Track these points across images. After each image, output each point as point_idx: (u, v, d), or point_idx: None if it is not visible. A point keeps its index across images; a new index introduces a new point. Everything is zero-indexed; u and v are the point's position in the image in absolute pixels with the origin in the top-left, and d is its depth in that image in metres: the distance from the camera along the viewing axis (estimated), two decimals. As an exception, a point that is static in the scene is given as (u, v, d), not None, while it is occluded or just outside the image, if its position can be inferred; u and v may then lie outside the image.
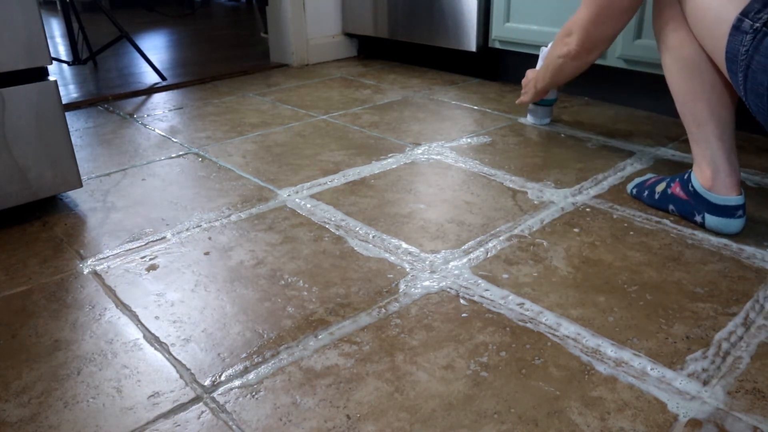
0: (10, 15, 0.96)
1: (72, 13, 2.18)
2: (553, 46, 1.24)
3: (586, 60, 1.19)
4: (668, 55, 1.00)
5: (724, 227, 0.97)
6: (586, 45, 1.15)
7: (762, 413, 0.64)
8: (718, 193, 0.96)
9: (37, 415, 0.65)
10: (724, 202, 0.96)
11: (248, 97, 1.84)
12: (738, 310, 0.80)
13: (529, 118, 1.55)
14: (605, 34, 1.12)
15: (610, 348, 0.74)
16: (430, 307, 0.82)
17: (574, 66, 1.22)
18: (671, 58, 1.00)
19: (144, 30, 3.23)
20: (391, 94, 1.85)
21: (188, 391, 0.68)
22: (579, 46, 1.15)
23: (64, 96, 1.86)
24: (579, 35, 1.14)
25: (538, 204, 1.11)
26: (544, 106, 1.51)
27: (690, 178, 1.00)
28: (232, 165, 1.31)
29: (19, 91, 1.00)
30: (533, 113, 1.53)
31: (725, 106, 0.96)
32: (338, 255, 0.95)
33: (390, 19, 2.14)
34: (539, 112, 1.52)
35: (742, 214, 0.96)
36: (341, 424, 0.63)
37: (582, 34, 1.14)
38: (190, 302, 0.84)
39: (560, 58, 1.22)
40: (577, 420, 0.63)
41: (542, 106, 1.51)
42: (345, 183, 1.21)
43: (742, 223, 0.97)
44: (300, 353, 0.74)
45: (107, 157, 1.37)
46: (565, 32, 1.18)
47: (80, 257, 0.96)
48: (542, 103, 1.50)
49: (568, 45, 1.17)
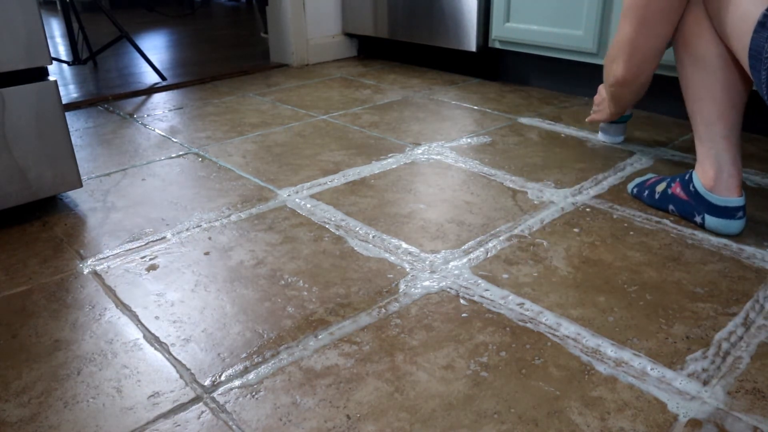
0: (10, 15, 0.96)
1: (72, 13, 2.18)
2: (604, 77, 1.15)
3: (636, 84, 1.08)
4: (685, 52, 0.98)
5: (724, 228, 0.97)
6: (634, 65, 1.04)
7: (762, 413, 0.64)
8: (719, 194, 0.96)
9: (37, 415, 0.65)
10: (724, 203, 0.96)
11: (248, 97, 1.84)
12: (738, 310, 0.80)
13: (601, 135, 1.42)
14: (653, 44, 1.00)
15: (610, 348, 0.74)
16: (430, 307, 0.82)
17: (629, 93, 1.11)
18: (688, 55, 0.98)
19: (144, 30, 3.23)
20: (391, 94, 1.85)
21: (188, 391, 0.68)
22: (626, 70, 1.05)
23: (64, 96, 1.86)
24: (624, 56, 1.04)
25: (538, 204, 1.11)
26: (618, 123, 1.39)
27: (691, 178, 1.00)
28: (232, 165, 1.31)
29: (19, 91, 1.00)
30: (605, 131, 1.41)
31: (734, 106, 0.96)
32: (338, 255, 0.95)
33: (390, 19, 2.14)
34: (612, 129, 1.40)
35: (742, 215, 0.96)
36: (341, 424, 0.63)
37: (628, 51, 1.03)
38: (190, 302, 0.84)
39: (612, 87, 1.13)
40: (577, 420, 0.63)
41: (616, 123, 1.39)
42: (345, 183, 1.21)
43: (742, 224, 0.97)
44: (300, 353, 0.74)
45: (107, 157, 1.37)
46: (609, 60, 1.09)
47: (80, 257, 0.96)
48: (617, 121, 1.38)
49: (615, 73, 1.08)
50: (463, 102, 1.74)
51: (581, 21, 1.61)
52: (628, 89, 1.10)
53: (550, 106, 1.68)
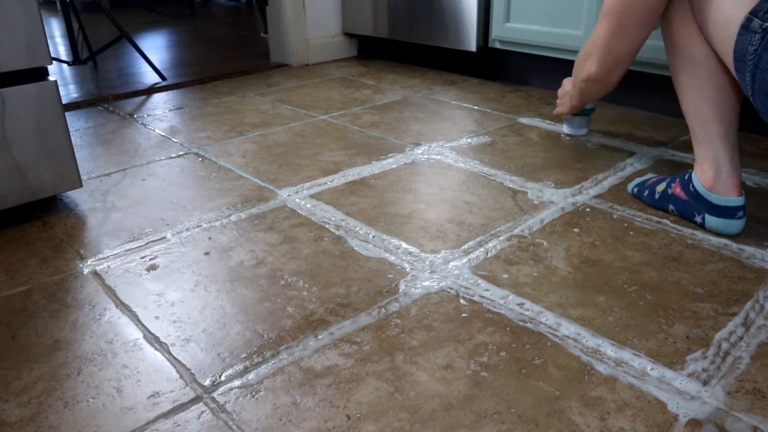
0: (10, 15, 0.96)
1: (72, 13, 2.18)
2: (575, 71, 1.18)
3: (607, 82, 1.11)
4: (675, 55, 0.99)
5: (724, 228, 0.97)
6: (608, 64, 1.07)
7: (762, 413, 0.64)
8: (719, 193, 0.96)
9: (37, 415, 0.65)
10: (724, 202, 0.96)
11: (248, 97, 1.84)
12: (738, 310, 0.80)
13: (566, 128, 1.48)
14: (628, 48, 1.04)
15: (610, 348, 0.74)
16: (430, 307, 0.82)
17: (597, 89, 1.15)
18: (678, 57, 0.99)
19: (144, 30, 3.23)
20: (391, 94, 1.85)
21: (188, 391, 0.68)
22: (599, 68, 1.08)
23: (64, 96, 1.86)
24: (599, 55, 1.07)
25: (538, 204, 1.11)
26: (581, 116, 1.45)
27: (691, 178, 1.00)
28: (232, 165, 1.31)
29: (19, 91, 1.00)
30: (570, 123, 1.47)
31: (730, 106, 0.96)
32: (338, 255, 0.95)
33: (390, 19, 2.14)
34: (576, 122, 1.45)
35: (742, 215, 0.96)
36: (341, 424, 0.63)
37: (602, 52, 1.06)
38: (190, 302, 0.84)
39: (582, 83, 1.16)
40: (577, 420, 0.63)
41: (579, 116, 1.45)
42: (345, 183, 1.21)
43: (742, 224, 0.97)
44: (300, 353, 0.74)
45: (107, 157, 1.38)
46: (583, 56, 1.12)
47: (80, 257, 0.96)
48: (580, 113, 1.44)
49: (588, 70, 1.11)
50: (463, 102, 1.74)
51: (581, 21, 1.61)
52: (599, 86, 1.13)
53: (550, 106, 1.68)
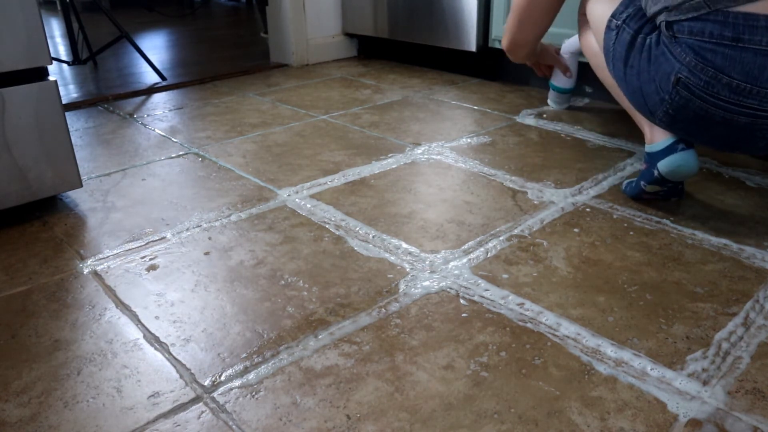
0: (10, 15, 0.96)
1: (72, 13, 2.18)
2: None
3: (514, 58, 1.36)
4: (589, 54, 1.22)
5: (672, 164, 1.00)
6: (511, 46, 1.31)
7: (762, 413, 0.64)
8: (656, 141, 1.04)
9: (37, 415, 0.65)
10: (663, 145, 1.02)
11: (248, 97, 1.84)
12: (738, 310, 0.80)
13: (550, 102, 1.68)
14: (526, 38, 1.27)
15: (610, 348, 0.74)
16: (430, 307, 0.82)
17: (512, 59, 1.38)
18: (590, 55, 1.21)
19: (144, 30, 3.23)
20: (391, 94, 1.85)
21: (188, 391, 0.68)
22: (506, 47, 1.32)
23: (64, 96, 1.86)
24: (505, 38, 1.30)
25: (538, 204, 1.11)
26: (564, 94, 1.63)
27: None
28: (232, 165, 1.31)
29: (19, 91, 1.00)
30: (553, 99, 1.66)
31: None
32: (338, 255, 0.95)
33: (390, 19, 2.14)
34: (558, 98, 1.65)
35: (684, 146, 1.00)
36: (341, 424, 0.63)
37: (507, 36, 1.29)
38: (190, 302, 0.84)
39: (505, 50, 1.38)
40: (577, 420, 0.63)
41: (562, 93, 1.63)
42: (345, 183, 1.21)
43: (688, 155, 1.00)
44: (300, 353, 0.74)
45: (107, 157, 1.38)
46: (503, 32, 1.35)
47: (80, 257, 0.96)
48: (562, 91, 1.62)
49: (502, 44, 1.33)
50: (463, 102, 1.74)
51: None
52: (512, 57, 1.37)
53: (550, 107, 1.68)
